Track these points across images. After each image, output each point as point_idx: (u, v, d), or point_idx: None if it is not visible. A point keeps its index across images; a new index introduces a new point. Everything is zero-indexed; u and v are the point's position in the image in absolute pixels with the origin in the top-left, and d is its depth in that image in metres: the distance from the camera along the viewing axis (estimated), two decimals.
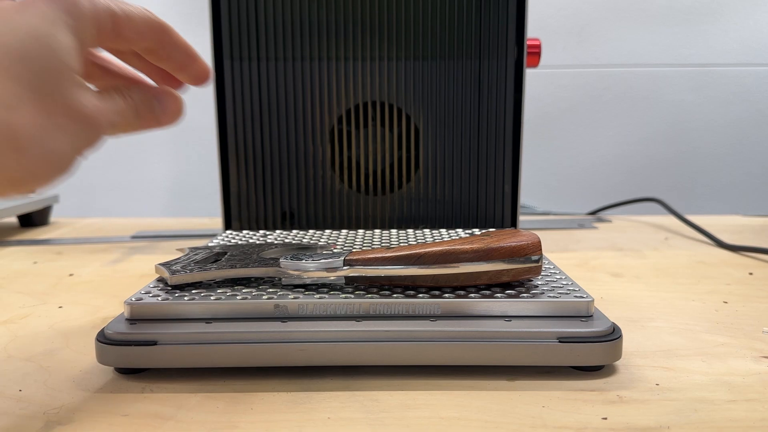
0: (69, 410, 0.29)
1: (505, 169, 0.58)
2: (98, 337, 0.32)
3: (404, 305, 0.34)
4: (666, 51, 1.11)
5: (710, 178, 1.13)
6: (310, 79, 0.57)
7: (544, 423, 0.28)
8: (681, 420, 0.28)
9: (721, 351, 0.36)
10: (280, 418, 0.28)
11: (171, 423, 0.28)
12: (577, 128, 1.13)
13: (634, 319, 0.42)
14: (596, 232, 0.76)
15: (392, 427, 0.28)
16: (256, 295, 0.34)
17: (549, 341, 0.32)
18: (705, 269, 0.56)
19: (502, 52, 0.57)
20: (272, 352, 0.32)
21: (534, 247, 0.35)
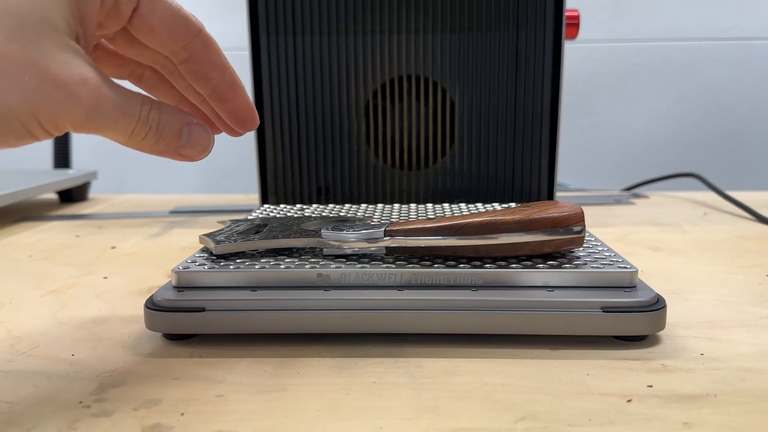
0: (121, 373, 0.30)
1: (542, 143, 0.58)
2: (147, 303, 0.33)
3: (445, 275, 0.34)
4: (703, 24, 1.08)
5: (749, 154, 1.11)
6: (345, 53, 0.57)
7: (589, 390, 0.28)
8: (728, 388, 0.28)
9: (766, 323, 0.36)
10: (327, 381, 0.29)
11: (221, 386, 0.29)
12: (612, 104, 1.11)
13: (676, 291, 0.42)
14: (633, 207, 0.75)
15: (437, 391, 0.28)
16: (299, 265, 0.35)
17: (592, 311, 0.32)
18: (746, 244, 0.55)
19: (540, 23, 0.56)
20: (316, 319, 0.32)
21: (576, 218, 0.35)
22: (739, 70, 1.09)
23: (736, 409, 0.26)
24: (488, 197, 0.59)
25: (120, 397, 0.28)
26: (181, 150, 0.28)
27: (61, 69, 0.22)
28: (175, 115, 0.28)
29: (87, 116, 0.23)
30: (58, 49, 0.22)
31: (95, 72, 0.24)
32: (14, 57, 0.21)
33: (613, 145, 1.12)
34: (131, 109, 0.25)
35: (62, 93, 0.22)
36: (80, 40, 0.24)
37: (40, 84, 0.22)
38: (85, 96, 0.23)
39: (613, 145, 1.12)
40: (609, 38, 1.09)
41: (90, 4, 0.24)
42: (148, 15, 0.27)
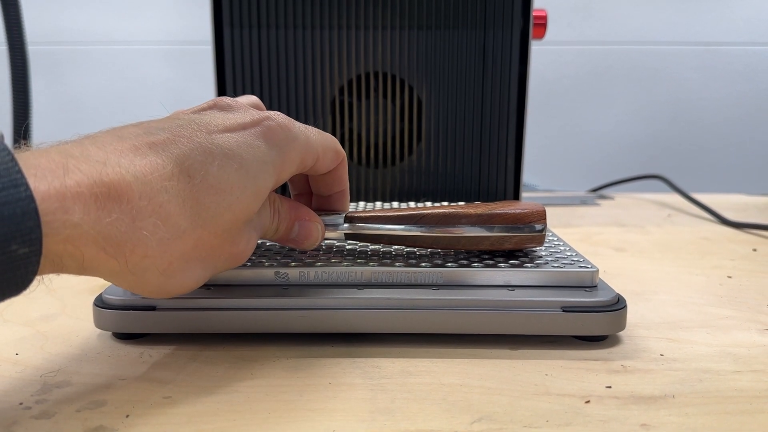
0: (66, 374, 0.29)
1: (508, 143, 0.58)
2: (96, 301, 0.32)
3: (406, 274, 0.33)
4: (671, 29, 1.09)
5: (714, 157, 1.13)
6: (311, 48, 0.57)
7: (547, 390, 0.27)
8: (686, 389, 0.28)
9: (726, 324, 0.36)
10: (282, 382, 0.28)
11: (170, 387, 0.28)
12: (580, 106, 1.12)
13: (638, 292, 0.42)
14: (599, 208, 0.75)
15: (393, 392, 0.27)
16: (256, 263, 0.34)
17: (553, 310, 0.31)
18: (709, 245, 0.56)
19: (507, 22, 0.56)
20: (273, 319, 0.32)
21: (538, 216, 0.34)
22: (705, 75, 1.11)
23: (693, 410, 0.26)
24: (454, 196, 0.59)
25: (63, 398, 0.27)
26: (291, 242, 0.33)
27: (242, 247, 0.29)
28: (290, 212, 0.33)
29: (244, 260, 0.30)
30: (244, 233, 0.29)
31: (256, 235, 0.30)
32: (218, 245, 0.27)
33: (580, 146, 1.13)
34: (264, 221, 0.31)
35: (238, 260, 0.29)
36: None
37: (227, 258, 0.29)
38: (249, 255, 0.30)
39: (580, 147, 1.13)
40: (578, 41, 1.10)
41: (280, 183, 0.30)
42: (319, 167, 0.33)
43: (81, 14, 1.11)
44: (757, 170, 1.12)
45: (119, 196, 0.23)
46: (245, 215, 0.28)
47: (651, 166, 1.09)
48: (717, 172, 1.13)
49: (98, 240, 0.23)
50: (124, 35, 1.11)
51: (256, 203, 0.28)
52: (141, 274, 0.25)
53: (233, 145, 0.27)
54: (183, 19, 1.11)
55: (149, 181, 0.24)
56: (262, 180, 0.28)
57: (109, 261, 0.24)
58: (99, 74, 1.13)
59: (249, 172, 0.27)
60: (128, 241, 0.24)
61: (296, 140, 0.30)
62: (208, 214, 0.26)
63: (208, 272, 0.28)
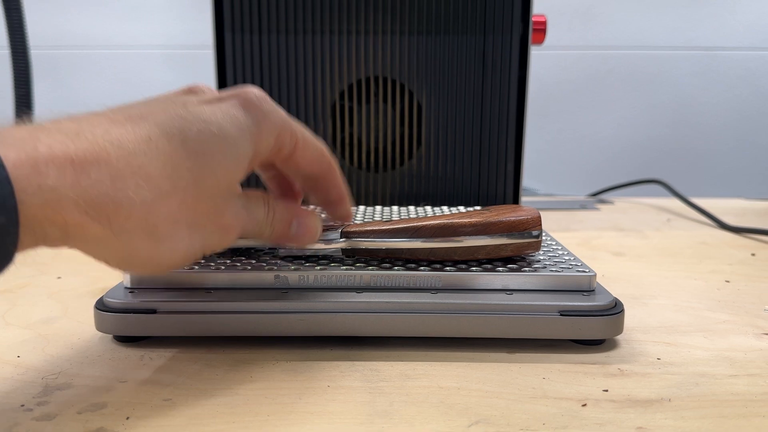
0: (67, 376, 0.29)
1: (507, 147, 0.58)
2: (97, 304, 0.32)
3: (405, 278, 0.33)
4: (672, 33, 1.10)
5: (713, 162, 1.13)
6: (312, 52, 0.57)
7: (544, 394, 0.28)
8: (682, 393, 0.28)
9: (723, 328, 0.36)
10: (280, 386, 0.28)
11: (170, 389, 0.28)
12: (580, 110, 1.12)
13: (636, 296, 0.42)
14: (598, 213, 0.75)
15: (391, 395, 0.27)
16: (256, 266, 0.34)
17: (550, 314, 0.32)
18: (707, 250, 0.56)
19: (507, 27, 0.56)
20: (272, 322, 0.32)
21: (534, 222, 0.35)
22: (704, 79, 1.11)
23: (690, 414, 0.26)
24: (454, 201, 0.59)
25: (64, 400, 0.27)
26: (291, 240, 0.33)
27: (229, 219, 0.28)
28: (286, 210, 0.32)
29: (233, 241, 0.30)
30: (229, 205, 0.28)
31: (246, 212, 0.29)
32: (203, 212, 0.27)
33: (580, 151, 1.13)
34: (258, 216, 0.30)
35: (226, 234, 0.28)
36: (240, 180, 0.29)
37: (215, 230, 0.28)
38: (238, 231, 0.29)
39: (580, 151, 1.13)
40: (578, 45, 1.10)
41: (258, 159, 0.30)
42: (299, 157, 0.32)
43: (83, 18, 1.11)
44: (756, 175, 1.13)
45: (96, 159, 0.23)
46: (227, 181, 0.27)
47: (650, 171, 1.09)
48: (716, 176, 1.13)
49: (79, 203, 0.22)
50: (126, 39, 1.12)
51: (237, 170, 0.28)
52: (128, 240, 0.24)
53: (210, 113, 0.27)
54: (184, 23, 1.11)
55: (125, 145, 0.24)
56: (241, 147, 0.28)
57: (93, 226, 0.23)
58: (101, 78, 1.13)
59: (228, 138, 0.27)
60: (110, 201, 0.23)
61: (274, 112, 0.30)
62: (189, 176, 0.26)
63: (198, 242, 0.27)
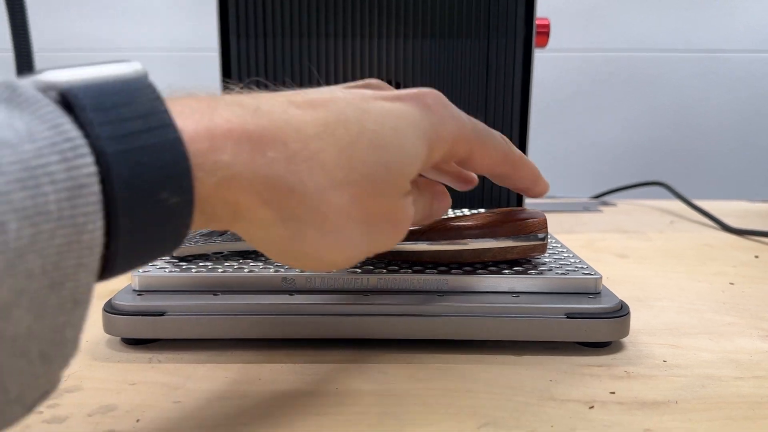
0: (77, 378, 0.29)
1: None
2: (105, 307, 0.32)
3: (412, 280, 0.34)
4: (673, 36, 1.10)
5: (715, 164, 1.13)
6: (316, 56, 0.57)
7: (551, 396, 0.28)
8: (689, 395, 0.28)
9: (728, 330, 0.36)
10: (289, 387, 0.28)
11: (179, 392, 0.28)
12: (582, 113, 1.12)
13: (641, 299, 0.42)
14: (601, 215, 0.76)
15: (400, 397, 0.28)
16: (263, 268, 0.34)
17: (557, 317, 0.32)
18: (711, 252, 0.56)
19: (511, 31, 0.56)
20: (280, 324, 0.32)
21: (540, 225, 0.35)
22: (706, 81, 1.11)
23: (696, 416, 0.26)
24: (458, 203, 0.59)
25: (74, 402, 0.27)
26: (429, 219, 0.31)
27: (400, 216, 0.27)
28: (429, 192, 0.31)
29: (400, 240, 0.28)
30: (401, 204, 0.27)
31: (413, 207, 0.28)
32: (374, 209, 0.25)
33: (583, 153, 1.13)
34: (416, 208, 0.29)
35: (396, 234, 0.27)
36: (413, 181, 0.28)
37: (384, 230, 0.27)
38: (407, 229, 0.28)
39: (583, 153, 1.13)
40: (580, 48, 1.10)
41: (429, 164, 0.28)
42: (477, 162, 0.30)
43: (87, 21, 1.12)
44: (758, 177, 1.13)
45: (273, 139, 0.22)
46: (400, 179, 0.26)
47: (653, 173, 1.10)
48: (719, 178, 1.13)
49: (253, 182, 0.21)
50: (130, 42, 1.12)
51: (410, 169, 0.26)
52: (295, 227, 0.23)
53: (388, 109, 0.26)
54: (188, 26, 1.12)
55: (303, 129, 0.23)
56: (416, 147, 0.26)
57: (263, 209, 0.22)
58: None
59: (404, 136, 0.26)
60: (284, 184, 0.22)
61: (451, 119, 0.28)
62: (364, 169, 0.25)
63: (365, 241, 0.26)
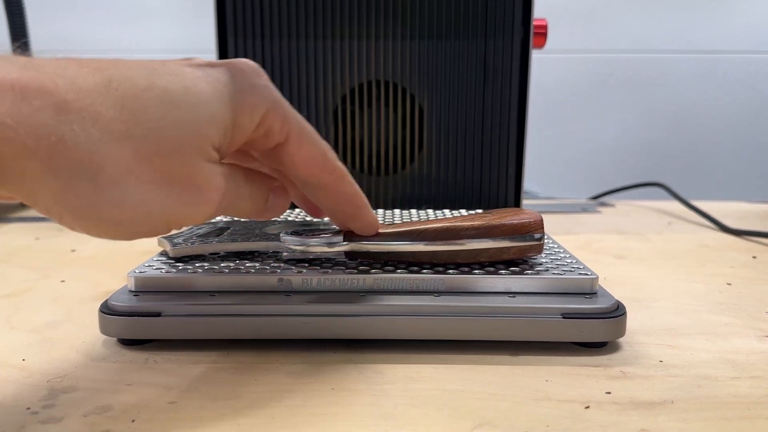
0: (73, 379, 0.29)
1: (509, 151, 0.58)
2: (102, 308, 0.32)
3: (408, 281, 0.34)
4: (672, 37, 1.10)
5: (714, 165, 1.13)
6: (314, 57, 0.57)
7: (547, 396, 0.28)
8: (685, 395, 0.28)
9: (725, 330, 0.36)
10: (285, 388, 0.28)
11: (175, 393, 0.28)
12: (581, 114, 1.12)
13: (638, 299, 0.42)
14: (599, 216, 0.76)
15: (396, 398, 0.28)
16: (260, 269, 0.34)
17: (553, 317, 0.32)
18: (709, 253, 0.56)
19: (509, 31, 0.56)
20: (276, 325, 0.32)
21: (536, 225, 0.35)
22: (705, 83, 1.11)
23: (692, 416, 0.26)
24: (456, 204, 0.59)
25: (70, 403, 0.27)
26: (265, 214, 0.30)
27: (202, 182, 0.25)
28: (263, 182, 0.30)
29: (211, 215, 0.26)
30: (201, 168, 0.25)
31: (226, 181, 0.26)
32: (164, 168, 0.24)
33: (581, 154, 1.13)
34: (239, 190, 0.28)
35: (200, 200, 0.25)
36: (221, 152, 0.27)
37: (182, 193, 0.24)
38: (216, 201, 0.26)
39: (581, 154, 1.13)
40: (579, 49, 1.10)
41: (240, 135, 0.27)
42: (293, 152, 0.29)
43: (85, 22, 1.12)
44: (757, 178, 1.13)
45: (41, 88, 0.21)
46: (197, 140, 0.25)
47: (651, 174, 1.10)
48: (717, 179, 1.13)
49: (18, 131, 0.20)
50: (129, 43, 1.12)
51: (210, 132, 0.25)
52: (66, 178, 0.22)
53: (189, 72, 0.25)
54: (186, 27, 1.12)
55: (80, 83, 0.22)
56: (216, 108, 0.25)
57: (31, 160, 0.21)
58: None
59: (200, 94, 0.25)
60: (52, 133, 0.21)
61: (264, 88, 0.27)
62: (150, 124, 0.23)
63: (157, 201, 0.24)
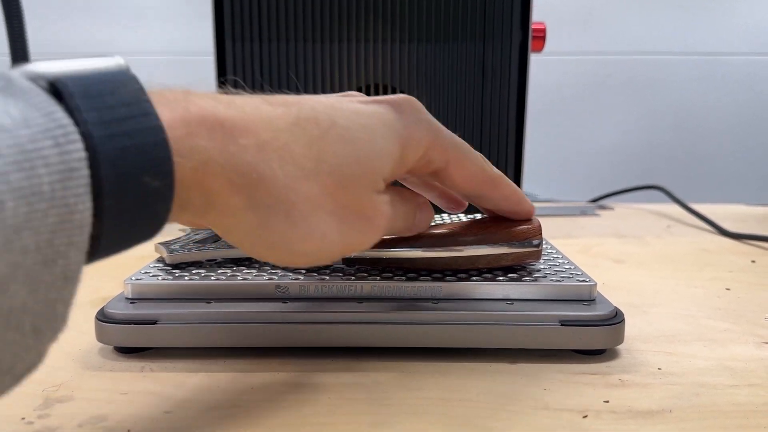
0: (68, 388, 0.29)
1: (508, 154, 0.58)
2: (98, 315, 0.32)
3: (406, 288, 0.34)
4: (671, 39, 1.10)
5: (713, 168, 1.13)
6: (312, 61, 0.57)
7: (545, 405, 0.28)
8: (683, 403, 0.28)
9: (724, 337, 0.36)
10: (281, 398, 0.28)
11: (171, 402, 0.28)
12: (580, 116, 1.12)
13: (636, 305, 0.42)
14: (598, 219, 0.76)
15: (394, 406, 0.27)
16: (257, 276, 0.34)
17: (551, 324, 0.32)
18: (708, 257, 0.56)
19: (507, 35, 0.56)
20: (273, 333, 0.32)
21: (534, 231, 0.35)
22: (704, 84, 1.11)
23: (690, 425, 0.26)
24: None
25: (65, 412, 0.27)
26: (413, 228, 0.32)
27: (373, 212, 0.27)
28: (412, 201, 0.31)
29: (377, 241, 0.28)
30: (373, 199, 0.27)
31: (392, 208, 0.28)
32: (344, 201, 0.26)
33: (580, 156, 1.13)
34: (396, 212, 0.29)
35: (370, 229, 0.27)
36: (386, 181, 0.28)
37: (356, 223, 0.26)
38: (383, 228, 0.28)
39: (580, 156, 1.13)
40: (578, 51, 1.10)
41: (404, 166, 0.28)
42: (453, 174, 0.30)
43: (83, 25, 1.12)
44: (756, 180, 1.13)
45: (244, 127, 0.23)
46: (371, 174, 0.26)
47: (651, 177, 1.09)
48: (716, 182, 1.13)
49: (225, 168, 0.22)
50: (127, 46, 1.12)
51: (382, 166, 0.27)
52: (264, 215, 0.24)
53: (361, 109, 0.27)
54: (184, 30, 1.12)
55: (274, 122, 0.24)
56: (388, 144, 0.27)
57: (234, 196, 0.23)
58: None
59: (376, 132, 0.27)
60: (254, 171, 0.23)
61: (426, 123, 0.29)
62: (334, 160, 0.25)
63: (337, 232, 0.26)
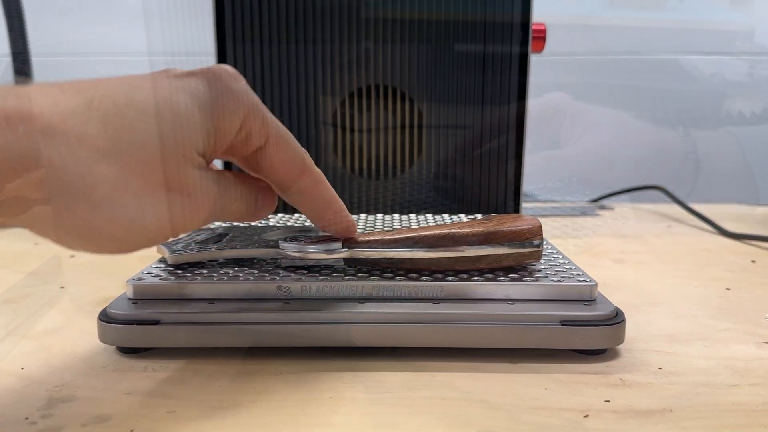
0: (71, 388, 0.29)
1: (508, 155, 0.58)
2: (100, 316, 0.32)
3: (407, 288, 0.34)
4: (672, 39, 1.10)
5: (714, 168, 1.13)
6: (313, 61, 0.57)
7: (546, 405, 0.28)
8: (684, 403, 0.28)
9: (724, 336, 0.36)
10: (283, 397, 0.28)
11: (173, 401, 0.28)
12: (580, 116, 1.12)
13: (637, 304, 0.42)
14: (599, 219, 0.76)
15: (395, 406, 0.28)
16: (258, 276, 0.34)
17: (552, 324, 0.32)
18: (708, 256, 0.56)
19: (507, 36, 0.56)
20: (275, 333, 0.32)
21: (535, 232, 0.35)
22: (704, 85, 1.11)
23: (691, 424, 0.26)
24: (455, 208, 0.59)
25: (69, 412, 0.27)
26: (255, 213, 0.31)
27: (194, 188, 0.26)
28: (251, 185, 0.31)
29: (206, 220, 0.27)
30: (190, 175, 0.26)
31: (217, 186, 0.27)
32: (154, 179, 0.24)
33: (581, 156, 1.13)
34: (229, 192, 0.29)
35: (192, 207, 0.26)
36: (207, 157, 0.27)
37: (179, 198, 0.25)
38: (208, 206, 0.27)
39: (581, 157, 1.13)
40: (578, 51, 1.10)
41: (222, 139, 0.27)
42: (271, 155, 0.30)
43: (85, 25, 1.12)
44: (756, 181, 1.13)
45: (24, 115, 0.22)
46: (182, 149, 0.25)
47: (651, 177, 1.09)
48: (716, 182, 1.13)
49: (6, 159, 0.21)
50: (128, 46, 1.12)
51: (193, 139, 0.26)
52: (62, 202, 0.23)
53: (167, 83, 0.25)
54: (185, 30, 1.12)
55: (62, 104, 0.23)
56: (198, 116, 0.26)
57: (25, 186, 0.22)
58: None
59: (181, 104, 0.25)
60: (39, 156, 0.21)
61: (243, 92, 0.28)
62: (134, 138, 0.24)
63: (151, 213, 0.25)
